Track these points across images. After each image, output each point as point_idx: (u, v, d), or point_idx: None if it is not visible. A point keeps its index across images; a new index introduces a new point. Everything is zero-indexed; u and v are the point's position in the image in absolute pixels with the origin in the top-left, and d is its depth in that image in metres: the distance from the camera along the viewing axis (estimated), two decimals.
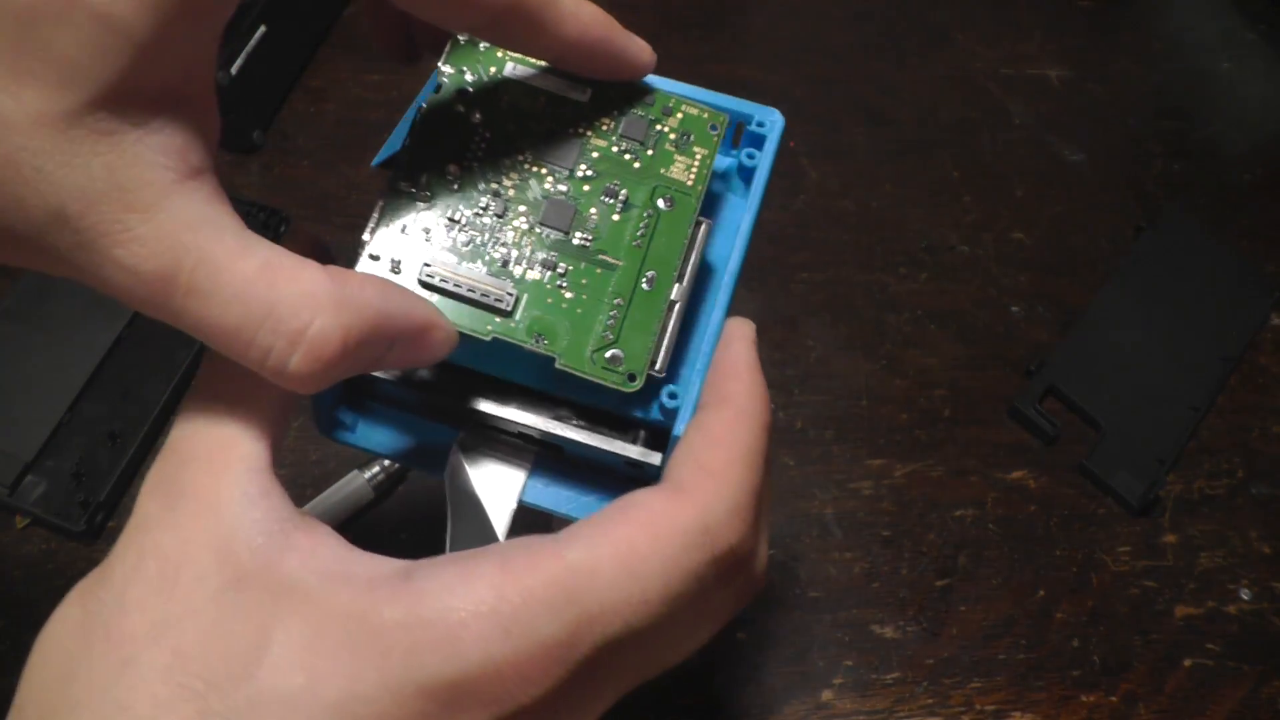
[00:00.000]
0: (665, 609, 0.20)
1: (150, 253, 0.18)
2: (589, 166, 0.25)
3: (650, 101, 0.26)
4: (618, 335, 0.24)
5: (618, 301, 0.24)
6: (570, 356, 0.23)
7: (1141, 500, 0.47)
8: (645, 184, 0.25)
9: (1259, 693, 0.43)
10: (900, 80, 0.64)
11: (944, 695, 0.42)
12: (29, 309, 0.47)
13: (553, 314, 0.24)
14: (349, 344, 0.20)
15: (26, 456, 0.42)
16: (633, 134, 0.25)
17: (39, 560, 0.41)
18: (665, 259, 0.25)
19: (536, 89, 0.25)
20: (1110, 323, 0.53)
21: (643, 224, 0.25)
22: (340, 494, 0.42)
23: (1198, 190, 0.61)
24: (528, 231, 0.24)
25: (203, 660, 0.18)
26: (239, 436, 0.21)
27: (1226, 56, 0.69)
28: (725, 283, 0.25)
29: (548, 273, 0.24)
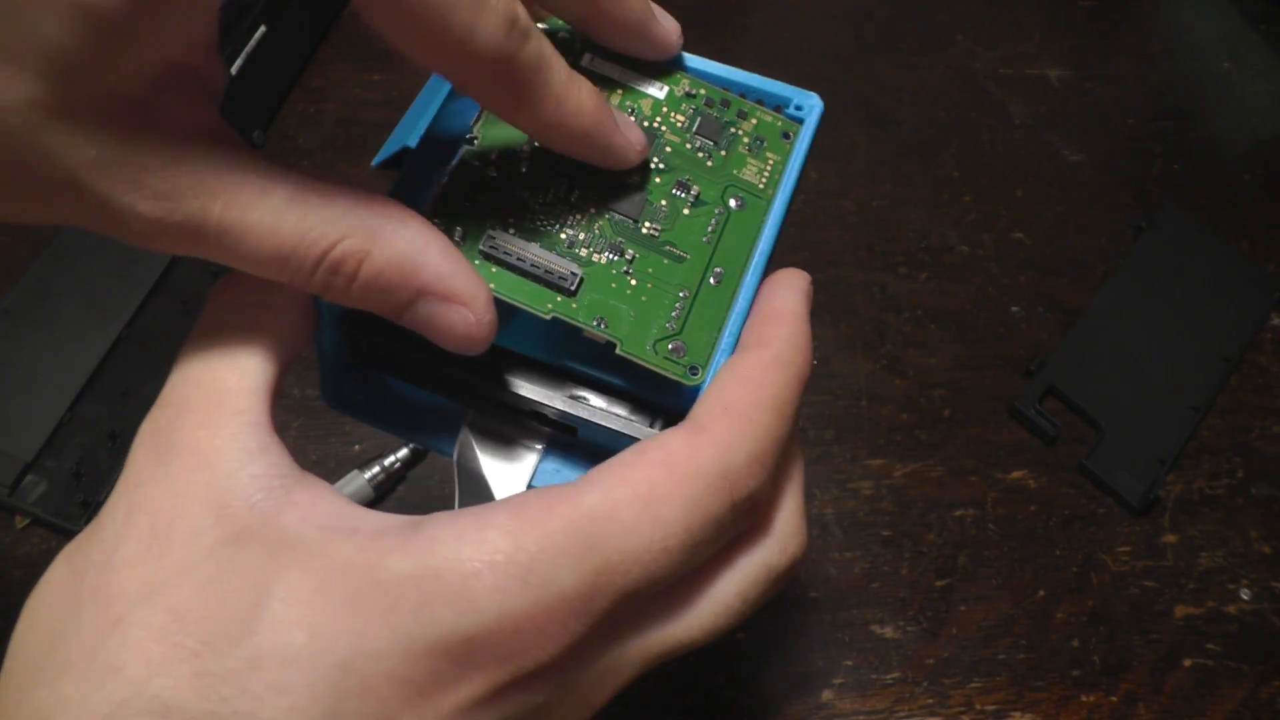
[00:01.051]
0: (687, 557, 0.19)
1: (175, 205, 0.18)
2: (661, 160, 0.25)
3: (726, 104, 0.26)
4: (681, 327, 0.23)
5: (683, 294, 0.23)
6: (631, 344, 0.23)
7: (1141, 500, 0.47)
8: (718, 183, 0.25)
9: (1259, 693, 0.43)
10: (900, 80, 0.64)
11: (944, 695, 0.42)
12: (29, 309, 0.47)
13: (616, 299, 0.23)
14: (371, 272, 0.19)
15: (26, 456, 0.42)
16: (707, 133, 0.25)
17: (39, 560, 0.41)
18: (734, 257, 0.24)
19: (612, 81, 0.25)
20: (1110, 323, 0.53)
21: (713, 220, 0.25)
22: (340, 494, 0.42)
23: (1198, 190, 0.61)
24: (596, 215, 0.24)
25: (198, 619, 0.17)
26: (236, 389, 0.20)
27: (1226, 56, 0.69)
28: (756, 263, 0.25)
29: (614, 257, 0.23)
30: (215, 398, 0.20)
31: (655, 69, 0.25)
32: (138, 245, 0.19)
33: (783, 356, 0.22)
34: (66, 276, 0.48)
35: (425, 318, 0.20)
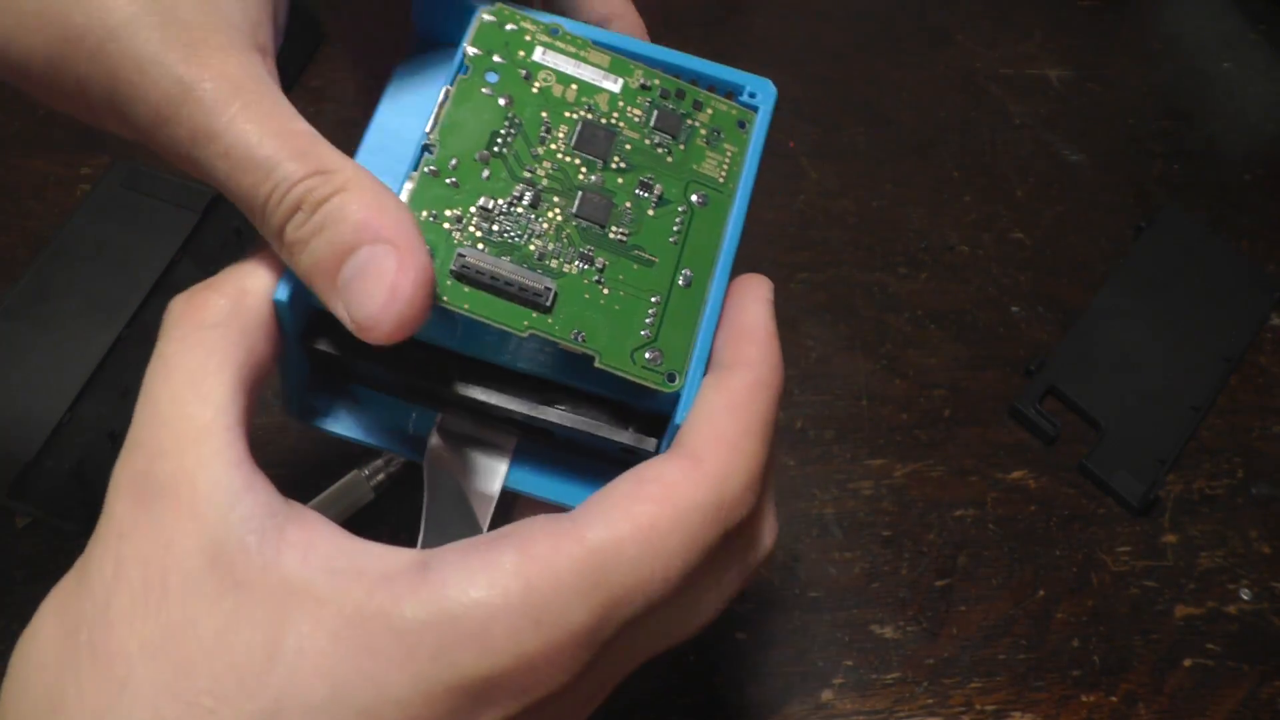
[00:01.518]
0: (684, 584, 0.20)
1: (202, 74, 0.20)
2: (622, 159, 0.24)
3: (681, 94, 0.25)
4: (656, 334, 0.23)
5: (654, 299, 0.23)
6: (611, 355, 0.22)
7: (1141, 500, 0.47)
8: (679, 179, 0.25)
9: (1259, 693, 0.43)
10: (900, 80, 0.64)
11: (944, 695, 0.42)
12: (29, 309, 0.47)
13: (590, 310, 0.23)
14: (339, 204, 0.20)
15: (26, 456, 0.42)
16: (665, 127, 0.25)
17: (39, 560, 0.41)
18: (701, 257, 0.24)
19: (568, 76, 0.24)
20: (1110, 323, 0.53)
21: (678, 220, 0.24)
22: (340, 494, 0.42)
23: (1198, 190, 0.61)
24: (563, 224, 0.23)
25: (209, 674, 0.17)
26: (211, 426, 0.20)
27: (1226, 56, 0.69)
28: (722, 263, 0.25)
29: (585, 266, 0.23)
30: (190, 437, 0.19)
31: (607, 59, 0.25)
32: (140, 123, 0.20)
33: (763, 378, 0.23)
34: (66, 276, 0.48)
35: (357, 272, 0.20)
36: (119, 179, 0.52)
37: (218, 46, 0.20)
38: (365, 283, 0.19)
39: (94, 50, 0.19)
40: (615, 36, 0.25)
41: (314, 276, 0.20)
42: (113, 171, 0.52)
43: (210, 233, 0.50)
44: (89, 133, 0.55)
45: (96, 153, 0.54)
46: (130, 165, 0.52)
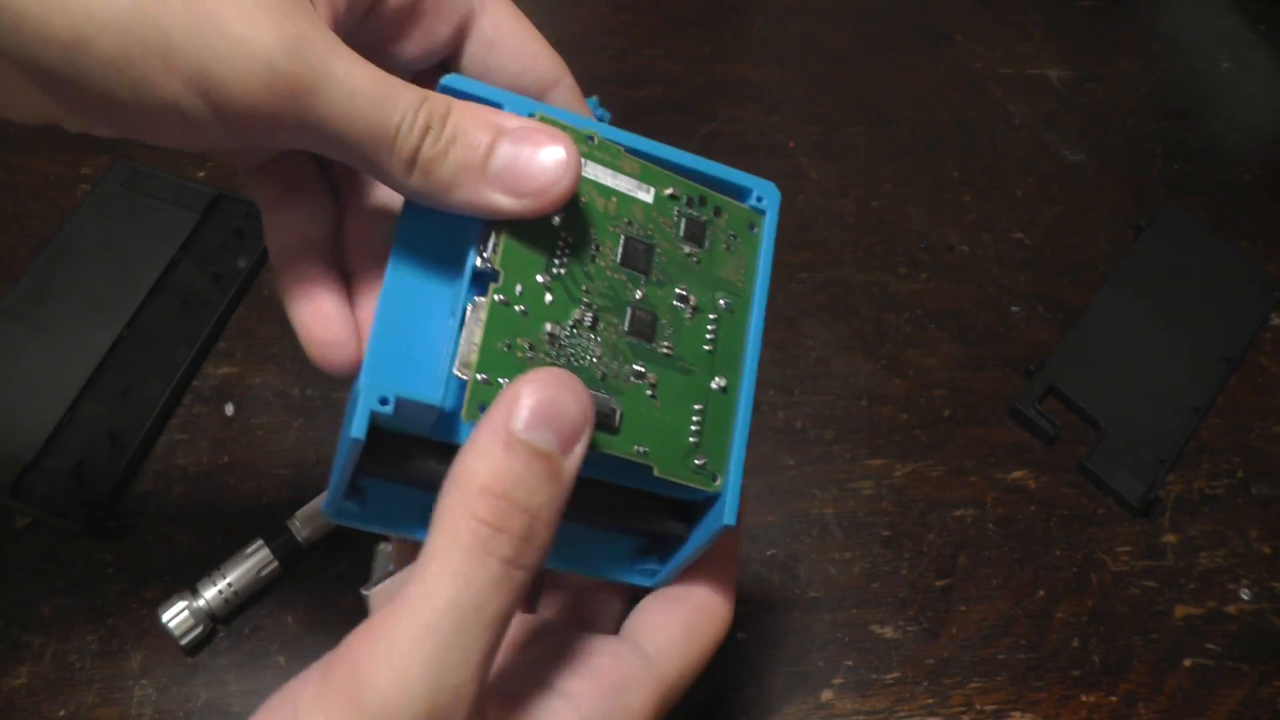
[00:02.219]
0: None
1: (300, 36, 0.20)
2: (660, 270, 0.25)
3: (704, 201, 0.26)
4: (701, 439, 0.24)
5: (697, 406, 0.25)
6: (667, 466, 0.24)
7: (1141, 500, 0.47)
8: (708, 286, 0.25)
9: (1259, 693, 0.43)
10: (900, 80, 0.64)
11: (944, 695, 0.42)
12: (29, 309, 0.47)
13: (646, 423, 0.24)
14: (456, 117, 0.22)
15: (26, 456, 0.42)
16: (692, 235, 0.25)
17: (39, 560, 0.41)
18: (732, 361, 0.25)
19: (608, 189, 0.24)
20: (1110, 323, 0.53)
21: (710, 327, 0.25)
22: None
23: (1198, 190, 0.61)
24: (616, 341, 0.24)
25: None
26: None
27: (1226, 56, 0.69)
28: (749, 366, 0.26)
29: (639, 382, 0.24)
30: None
31: (638, 168, 0.25)
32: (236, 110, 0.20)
33: (715, 616, 0.26)
34: (66, 276, 0.48)
35: (510, 158, 0.22)
36: (119, 179, 0.52)
37: (302, 3, 0.21)
38: (525, 162, 0.22)
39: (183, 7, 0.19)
40: (629, 136, 0.25)
41: (459, 179, 0.22)
42: (113, 171, 0.52)
43: (210, 233, 0.50)
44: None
45: (96, 153, 0.54)
46: (130, 165, 0.52)
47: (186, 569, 0.40)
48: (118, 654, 0.39)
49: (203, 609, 0.39)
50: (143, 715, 0.38)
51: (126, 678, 0.39)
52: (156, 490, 0.43)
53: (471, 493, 0.20)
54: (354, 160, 0.22)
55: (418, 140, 0.21)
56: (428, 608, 0.19)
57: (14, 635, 0.39)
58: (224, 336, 0.48)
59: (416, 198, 0.22)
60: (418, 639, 0.19)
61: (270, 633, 0.40)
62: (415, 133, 0.21)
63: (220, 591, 0.39)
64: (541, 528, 0.20)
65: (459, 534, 0.20)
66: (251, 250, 0.50)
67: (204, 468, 0.44)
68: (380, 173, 0.22)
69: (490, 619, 0.19)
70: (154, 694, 0.39)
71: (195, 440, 0.45)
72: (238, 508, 0.43)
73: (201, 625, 0.39)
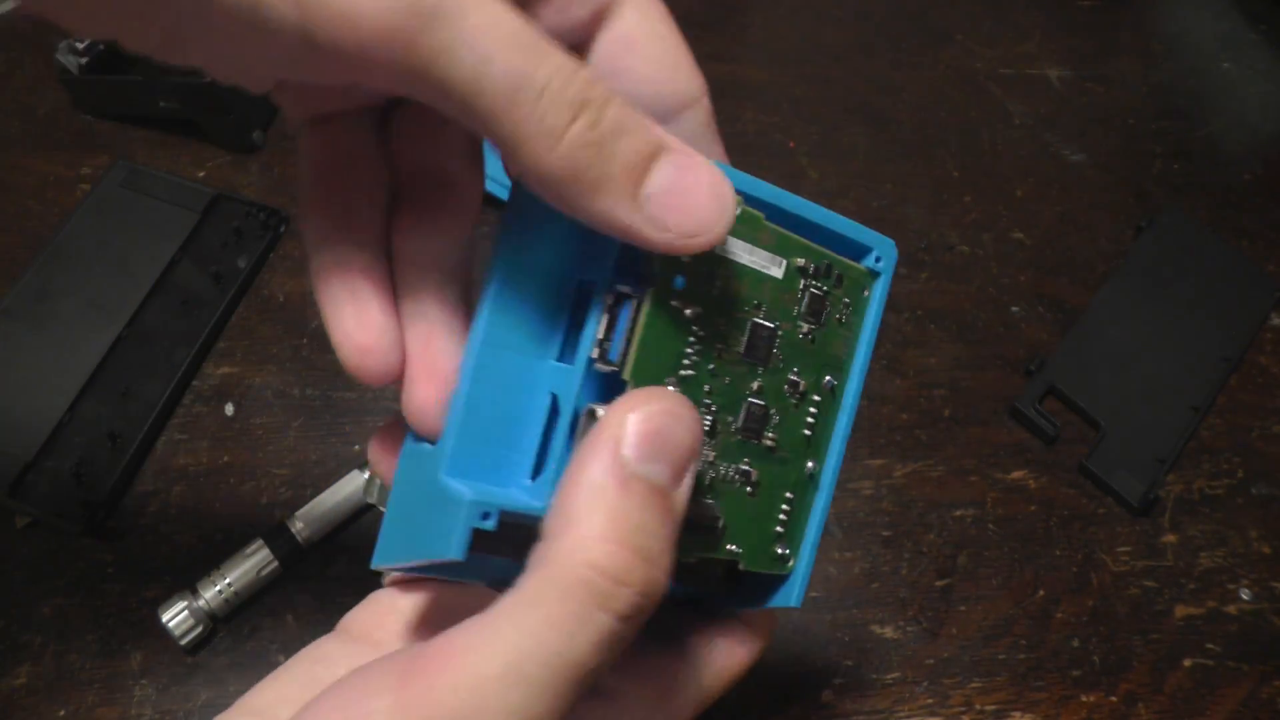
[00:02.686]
0: None
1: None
2: (778, 356, 0.23)
3: (830, 270, 0.23)
4: (786, 529, 0.23)
5: (789, 495, 0.23)
6: (754, 559, 0.23)
7: (1141, 500, 0.47)
8: (817, 366, 0.24)
9: (1259, 693, 0.43)
10: (900, 80, 0.64)
11: (944, 695, 0.42)
12: (29, 309, 0.47)
13: (741, 521, 0.23)
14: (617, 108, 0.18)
15: (26, 456, 0.42)
16: (813, 312, 0.23)
17: (39, 560, 0.41)
18: (824, 444, 0.24)
19: (743, 267, 0.22)
20: (1110, 323, 0.53)
21: (811, 413, 0.24)
22: (340, 494, 0.42)
23: (1198, 190, 0.61)
24: (727, 439, 0.22)
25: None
26: None
27: (1226, 56, 0.69)
28: (837, 448, 0.24)
29: (740, 480, 0.22)
30: None
31: (773, 239, 0.22)
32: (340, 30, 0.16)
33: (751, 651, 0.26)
34: (66, 276, 0.48)
35: (670, 182, 0.18)
36: (119, 179, 0.52)
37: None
38: (684, 192, 0.18)
39: None
40: (748, 181, 0.22)
41: (609, 184, 0.18)
42: (113, 171, 0.52)
43: (210, 233, 0.50)
44: (89, 133, 0.55)
45: (96, 153, 0.54)
46: (130, 165, 0.52)
47: (186, 569, 0.40)
48: (118, 654, 0.39)
49: (203, 609, 0.39)
50: (143, 715, 0.38)
51: (126, 678, 0.39)
52: (156, 490, 0.43)
53: (588, 538, 0.18)
54: (473, 116, 0.17)
55: (568, 115, 0.17)
56: (527, 658, 0.17)
57: (14, 635, 0.39)
58: (224, 336, 0.48)
59: (540, 184, 0.18)
60: (510, 685, 0.17)
61: (270, 633, 0.40)
62: (566, 104, 0.17)
63: (220, 591, 0.39)
64: (660, 576, 0.18)
65: (570, 584, 0.17)
66: (251, 250, 0.50)
67: (204, 468, 0.44)
68: (506, 137, 0.17)
69: (587, 677, 0.18)
70: (154, 694, 0.39)
71: (195, 440, 0.45)
72: (238, 508, 0.43)
73: (201, 625, 0.39)
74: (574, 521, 0.18)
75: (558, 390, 0.21)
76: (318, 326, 0.49)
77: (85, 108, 0.55)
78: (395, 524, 0.22)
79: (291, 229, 0.52)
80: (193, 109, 0.52)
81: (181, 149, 0.54)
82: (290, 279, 0.50)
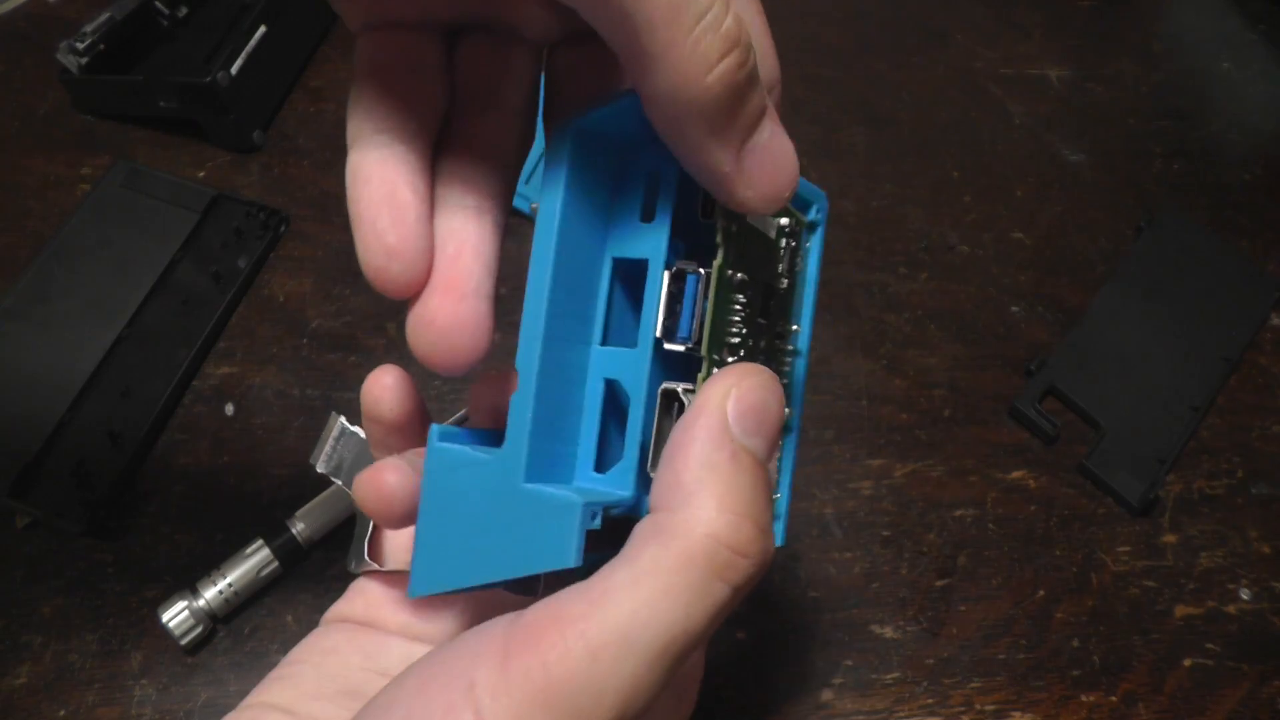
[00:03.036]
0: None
1: None
2: (774, 311, 0.24)
3: (798, 224, 0.25)
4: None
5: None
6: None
7: (1141, 500, 0.47)
8: (787, 318, 0.25)
9: (1259, 693, 0.43)
10: (900, 80, 0.64)
11: (944, 695, 0.42)
12: (29, 309, 0.47)
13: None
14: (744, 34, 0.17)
15: (27, 456, 0.42)
16: (790, 265, 0.25)
17: (39, 560, 0.41)
18: (794, 392, 0.26)
19: (755, 231, 0.22)
20: (1110, 323, 0.53)
21: (788, 360, 0.25)
22: (341, 494, 0.42)
23: (1198, 190, 0.61)
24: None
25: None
26: None
27: (1226, 56, 0.69)
28: (801, 378, 0.26)
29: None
30: None
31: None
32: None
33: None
34: (66, 276, 0.48)
35: (770, 139, 0.19)
36: (119, 179, 0.52)
37: None
38: (777, 153, 0.19)
39: None
40: None
41: (731, 128, 0.18)
42: (113, 171, 0.52)
43: (210, 233, 0.50)
44: (89, 133, 0.55)
45: (96, 153, 0.54)
46: (130, 165, 0.52)
47: (186, 569, 0.40)
48: (118, 654, 0.39)
49: (203, 609, 0.39)
50: (143, 715, 0.38)
51: (126, 678, 0.39)
52: (156, 490, 0.43)
53: (708, 511, 0.18)
54: (627, 26, 0.17)
55: (721, 48, 0.17)
56: (642, 628, 0.17)
57: (14, 635, 0.39)
58: (224, 336, 0.48)
59: (671, 108, 0.18)
60: (622, 657, 0.17)
61: (270, 633, 0.40)
62: (721, 36, 0.17)
63: (220, 591, 0.39)
64: (772, 547, 0.19)
65: (692, 555, 0.18)
66: (251, 250, 0.50)
67: (204, 468, 0.44)
68: (656, 53, 0.17)
69: (696, 647, 0.18)
70: (154, 694, 0.39)
71: (195, 440, 0.45)
72: (238, 508, 0.43)
73: (201, 625, 0.39)
74: (690, 495, 0.18)
75: (617, 375, 0.21)
76: (318, 326, 0.49)
77: (85, 108, 0.55)
78: (439, 547, 0.21)
79: (292, 229, 0.52)
80: (193, 109, 0.52)
81: (181, 149, 0.54)
82: (290, 279, 0.50)
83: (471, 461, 0.20)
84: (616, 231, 0.21)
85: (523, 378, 0.20)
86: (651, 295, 0.20)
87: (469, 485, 0.20)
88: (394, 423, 0.25)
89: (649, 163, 0.21)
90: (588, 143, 0.20)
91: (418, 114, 0.21)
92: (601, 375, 0.21)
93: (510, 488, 0.19)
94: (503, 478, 0.20)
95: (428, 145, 0.22)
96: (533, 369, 0.20)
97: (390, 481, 0.22)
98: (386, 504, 0.22)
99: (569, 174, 0.20)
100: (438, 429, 0.21)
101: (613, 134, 0.20)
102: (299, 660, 0.25)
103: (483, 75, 0.22)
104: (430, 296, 0.21)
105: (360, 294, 0.50)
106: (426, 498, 0.21)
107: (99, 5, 0.54)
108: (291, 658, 0.25)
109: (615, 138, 0.21)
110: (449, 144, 0.22)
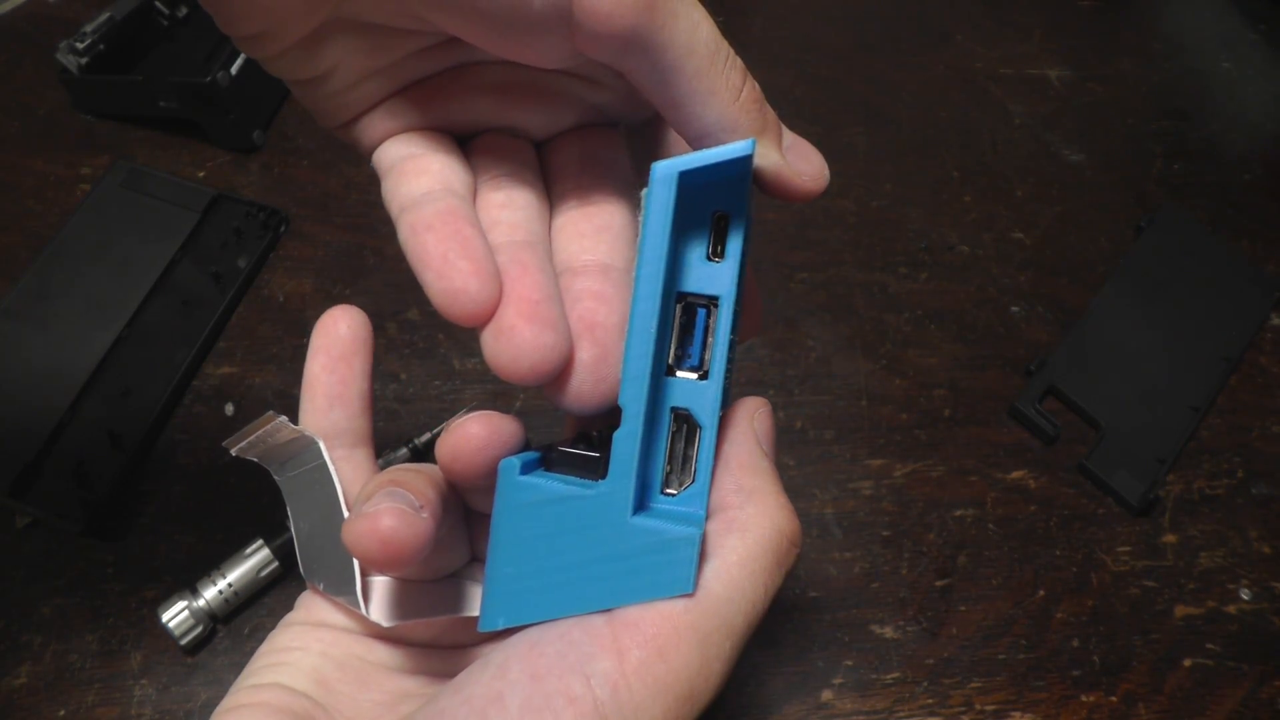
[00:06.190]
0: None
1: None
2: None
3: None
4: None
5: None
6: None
7: (1141, 500, 0.47)
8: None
9: (1259, 693, 0.43)
10: (900, 80, 0.64)
11: (944, 695, 0.42)
12: (29, 309, 0.47)
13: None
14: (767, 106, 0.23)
15: (26, 456, 0.42)
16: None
17: (39, 560, 0.41)
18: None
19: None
20: (1110, 323, 0.53)
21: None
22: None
23: (1198, 190, 0.61)
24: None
25: None
26: None
27: (1226, 56, 0.69)
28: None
29: None
30: None
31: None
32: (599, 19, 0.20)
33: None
34: (66, 276, 0.48)
35: (795, 140, 0.25)
36: (119, 179, 0.52)
37: None
38: (804, 148, 0.25)
39: None
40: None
41: (769, 133, 0.24)
42: (113, 171, 0.52)
43: (210, 233, 0.50)
44: (89, 133, 0.55)
45: (96, 153, 0.54)
46: (130, 165, 0.52)
47: (186, 569, 0.40)
48: (118, 654, 0.39)
49: (203, 609, 0.39)
50: (143, 715, 0.38)
51: (126, 678, 0.39)
52: (156, 490, 0.43)
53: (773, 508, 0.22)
54: (681, 72, 0.21)
55: (741, 78, 0.22)
56: (735, 612, 0.22)
57: (14, 635, 0.39)
58: (224, 336, 0.48)
59: (719, 132, 0.22)
60: (723, 639, 0.22)
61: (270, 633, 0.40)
62: (738, 70, 0.22)
63: (220, 591, 0.39)
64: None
65: (764, 547, 0.22)
66: (251, 250, 0.50)
67: (204, 468, 0.44)
68: (703, 90, 0.22)
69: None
70: (154, 694, 0.39)
71: (195, 440, 0.45)
72: (238, 508, 0.43)
73: (201, 625, 0.39)
74: (751, 494, 0.22)
75: (688, 405, 0.22)
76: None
77: (85, 108, 0.55)
78: (519, 578, 0.21)
79: (291, 229, 0.52)
80: (193, 109, 0.52)
81: (181, 149, 0.54)
82: (290, 279, 0.50)
83: (565, 496, 0.21)
84: (682, 267, 0.22)
85: (627, 415, 0.20)
86: (723, 329, 0.21)
87: (561, 519, 0.21)
88: (349, 344, 0.27)
89: (713, 204, 0.22)
90: (685, 187, 0.21)
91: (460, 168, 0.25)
92: (669, 404, 0.22)
93: (617, 522, 0.20)
94: (607, 512, 0.20)
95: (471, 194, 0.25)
96: (640, 408, 0.20)
97: (388, 526, 0.21)
98: (386, 551, 0.21)
99: (674, 219, 0.21)
100: (514, 462, 0.21)
101: (705, 179, 0.21)
102: (264, 659, 0.26)
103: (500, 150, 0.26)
104: (506, 308, 0.22)
105: (360, 294, 0.50)
106: (500, 531, 0.21)
107: (99, 5, 0.55)
108: (255, 664, 0.26)
109: (704, 183, 0.22)
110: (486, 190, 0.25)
